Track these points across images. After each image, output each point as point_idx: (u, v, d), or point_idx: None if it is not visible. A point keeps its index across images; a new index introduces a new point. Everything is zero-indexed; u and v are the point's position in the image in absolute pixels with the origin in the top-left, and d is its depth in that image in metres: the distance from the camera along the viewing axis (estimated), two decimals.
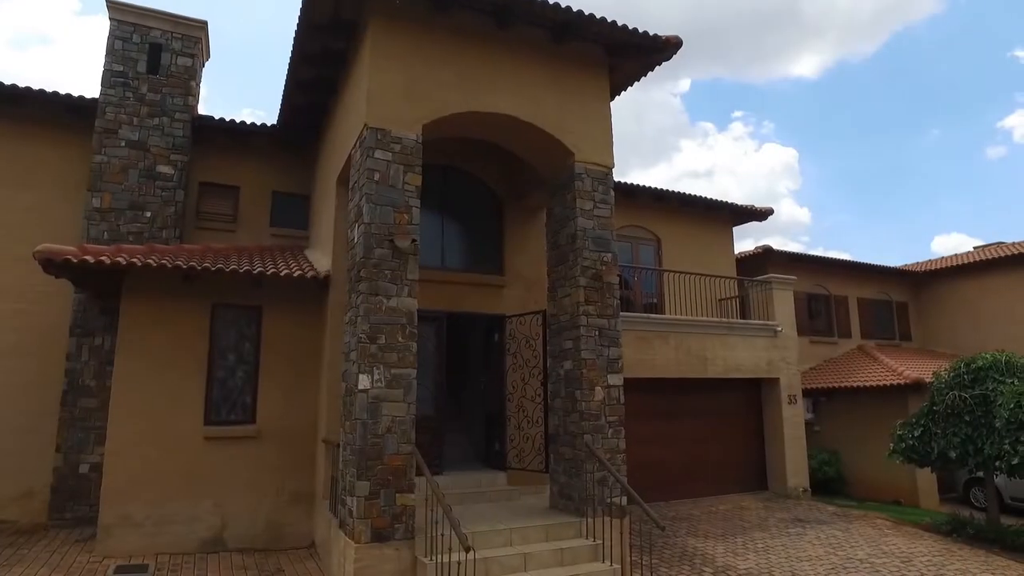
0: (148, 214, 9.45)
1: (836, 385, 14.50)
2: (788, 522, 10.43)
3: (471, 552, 5.38)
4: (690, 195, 14.01)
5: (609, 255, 7.88)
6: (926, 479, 13.19)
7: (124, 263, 7.39)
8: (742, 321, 12.44)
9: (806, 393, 14.81)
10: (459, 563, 5.50)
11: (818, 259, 16.83)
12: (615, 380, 7.65)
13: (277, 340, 8.56)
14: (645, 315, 11.54)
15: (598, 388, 7.51)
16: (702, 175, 59.42)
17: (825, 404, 15.03)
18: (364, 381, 6.36)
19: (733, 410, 12.36)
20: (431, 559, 5.93)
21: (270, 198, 10.85)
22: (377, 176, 6.82)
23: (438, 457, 8.60)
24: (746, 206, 14.77)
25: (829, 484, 13.75)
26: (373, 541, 6.14)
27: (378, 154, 6.87)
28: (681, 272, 12.26)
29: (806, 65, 58.31)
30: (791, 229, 58.22)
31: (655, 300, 13.49)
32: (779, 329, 12.44)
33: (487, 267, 9.62)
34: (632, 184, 13.24)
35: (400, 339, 6.57)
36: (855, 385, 14.09)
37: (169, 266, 7.58)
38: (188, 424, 7.94)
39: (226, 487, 7.98)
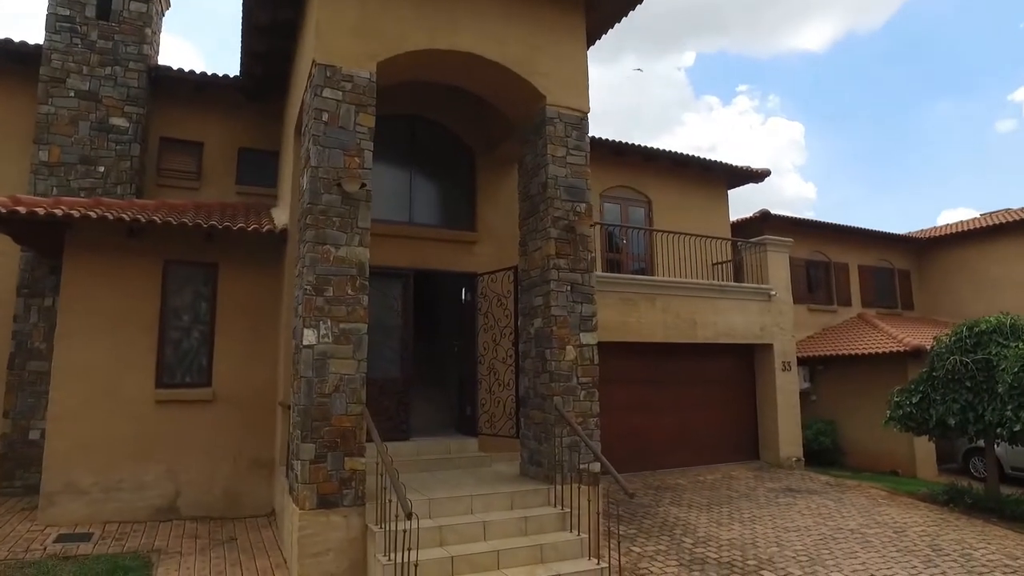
0: (101, 169, 8.92)
1: (834, 353, 13.99)
2: (778, 492, 10.00)
3: (414, 519, 4.95)
4: (683, 154, 13.36)
5: (583, 205, 7.32)
6: (924, 449, 12.74)
7: (61, 215, 6.89)
8: (734, 284, 11.88)
9: (803, 362, 14.33)
10: (404, 531, 5.05)
11: (818, 224, 16.19)
12: (588, 339, 7.14)
13: (234, 299, 8.09)
14: (630, 276, 11.01)
15: (569, 347, 7.01)
16: (706, 150, 58.42)
17: (822, 373, 14.53)
18: (310, 336, 5.89)
19: (724, 377, 11.87)
20: (381, 527, 5.50)
21: (236, 154, 10.31)
22: (326, 116, 6.28)
23: (404, 422, 8.16)
24: (742, 167, 14.11)
25: (825, 454, 13.33)
26: (319, 507, 5.71)
27: (327, 93, 6.32)
28: (670, 232, 11.71)
29: (813, 38, 56.89)
30: (796, 205, 57.37)
31: (644, 264, 12.96)
32: (773, 293, 11.89)
33: (458, 223, 9.08)
34: (621, 142, 12.61)
35: (350, 291, 6.08)
36: (853, 353, 13.58)
37: (111, 219, 7.09)
38: (138, 387, 7.51)
39: (180, 453, 7.58)
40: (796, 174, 60.78)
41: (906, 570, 6.82)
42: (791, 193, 55.65)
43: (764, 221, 15.09)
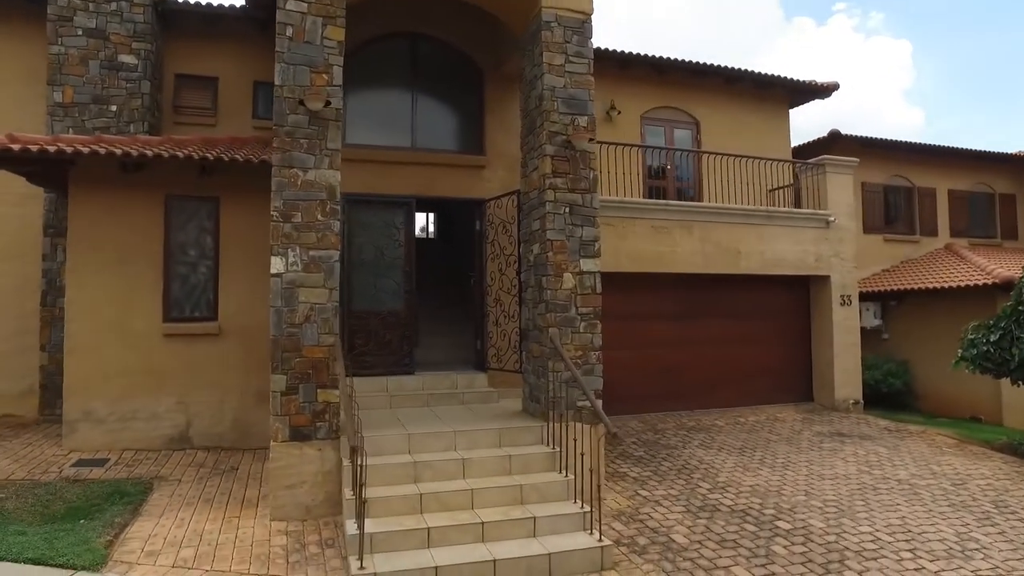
0: (114, 108, 8.91)
1: (910, 287, 12.55)
2: (825, 436, 9.14)
3: (359, 456, 4.68)
4: (736, 69, 11.98)
5: (585, 118, 6.58)
6: (1014, 394, 11.23)
7: (54, 151, 6.88)
8: (783, 209, 10.70)
9: (875, 296, 13.01)
10: (363, 466, 4.79)
11: (898, 144, 14.27)
12: (589, 266, 6.53)
13: (237, 233, 7.96)
14: (662, 202, 10.07)
15: (567, 274, 6.44)
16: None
17: (896, 309, 13.13)
18: (277, 264, 5.66)
19: (774, 311, 10.86)
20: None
21: (252, 88, 10.10)
22: (290, 31, 5.87)
23: (409, 356, 7.92)
24: (806, 81, 12.54)
25: (895, 397, 12.16)
26: (292, 440, 5.60)
27: (291, 5, 5.90)
28: (714, 153, 10.59)
29: None
30: (901, 134, 51.62)
31: (692, 191, 11.93)
32: (832, 219, 10.63)
33: (466, 147, 8.54)
34: (664, 58, 11.43)
35: (319, 217, 5.76)
36: (931, 287, 12.11)
37: (102, 153, 7.03)
38: (146, 321, 7.61)
39: (189, 385, 7.69)
40: (901, 99, 54.51)
41: (954, 527, 5.98)
42: (894, 121, 49.93)
43: (834, 142, 13.49)
